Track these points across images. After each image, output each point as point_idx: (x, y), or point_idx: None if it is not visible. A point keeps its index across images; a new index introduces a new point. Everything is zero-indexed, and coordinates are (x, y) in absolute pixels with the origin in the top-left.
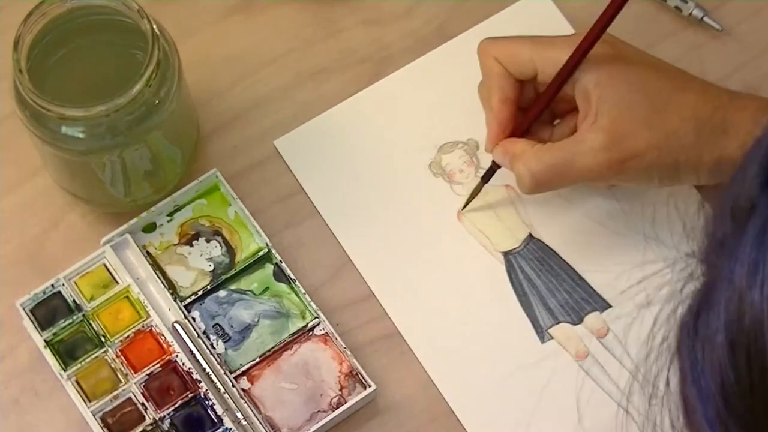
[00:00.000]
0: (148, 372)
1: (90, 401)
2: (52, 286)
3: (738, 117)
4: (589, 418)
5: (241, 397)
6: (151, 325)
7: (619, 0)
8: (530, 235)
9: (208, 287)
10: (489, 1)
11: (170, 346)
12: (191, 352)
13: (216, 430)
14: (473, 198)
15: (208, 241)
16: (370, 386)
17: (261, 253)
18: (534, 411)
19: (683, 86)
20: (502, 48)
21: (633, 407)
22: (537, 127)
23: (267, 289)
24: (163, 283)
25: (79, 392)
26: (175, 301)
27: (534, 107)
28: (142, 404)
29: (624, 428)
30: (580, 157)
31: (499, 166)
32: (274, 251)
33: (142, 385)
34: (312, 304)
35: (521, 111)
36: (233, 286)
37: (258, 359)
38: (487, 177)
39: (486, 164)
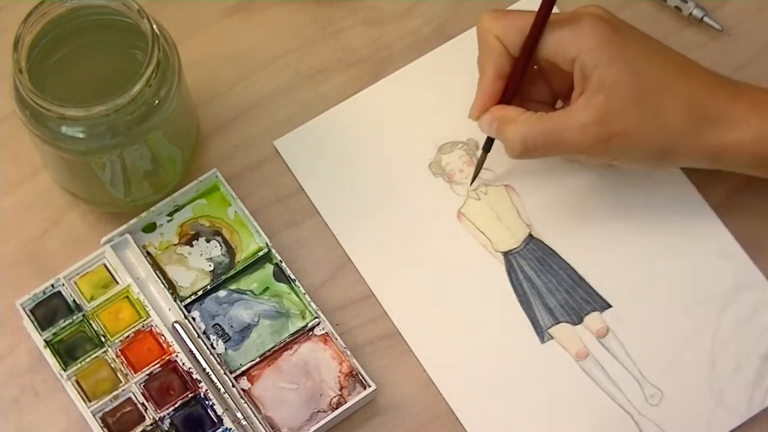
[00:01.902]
0: (148, 372)
1: (90, 401)
2: (52, 286)
3: (736, 107)
4: (589, 418)
5: (241, 397)
6: (151, 325)
7: None
8: (530, 235)
9: (208, 287)
10: (489, 1)
11: (170, 346)
12: (191, 352)
13: (216, 430)
14: (478, 171)
15: (208, 241)
16: (370, 386)
17: (261, 253)
18: (534, 410)
19: (682, 71)
20: (504, 28)
21: (632, 406)
22: (538, 107)
23: (267, 289)
24: (163, 283)
25: (79, 392)
26: (175, 301)
27: (512, 76)
28: (142, 404)
29: (624, 427)
30: (571, 129)
31: None
32: (274, 251)
33: (142, 385)
34: (312, 304)
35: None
36: (233, 286)
37: (258, 359)
38: (487, 147)
39: (486, 164)
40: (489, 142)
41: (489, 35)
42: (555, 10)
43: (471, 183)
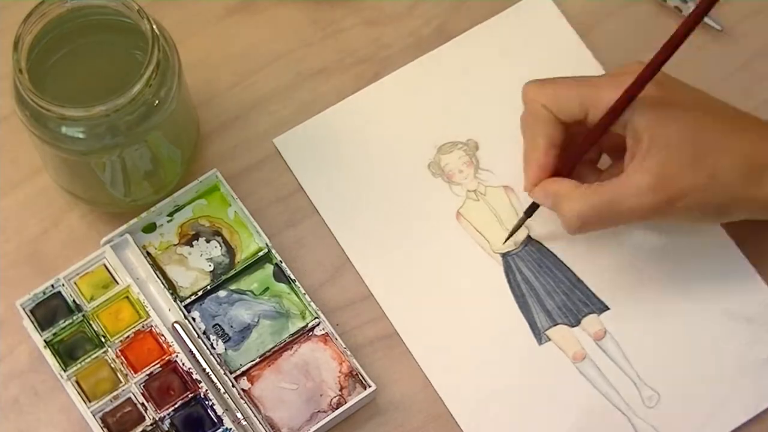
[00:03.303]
0: (148, 372)
1: (90, 401)
2: (52, 286)
3: None
4: (585, 420)
5: (241, 397)
6: (151, 325)
7: (675, 41)
8: (528, 237)
9: (208, 287)
10: (489, 1)
11: (170, 346)
12: (191, 352)
13: (216, 430)
14: (515, 232)
15: (208, 241)
16: (370, 386)
17: (261, 253)
18: (531, 412)
19: (735, 125)
20: (551, 94)
21: (629, 409)
22: (583, 170)
23: (267, 289)
24: (163, 283)
25: (79, 392)
26: (175, 301)
27: (578, 149)
28: (142, 404)
29: (621, 429)
30: (627, 197)
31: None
32: (274, 251)
33: (142, 385)
34: (312, 304)
35: (563, 151)
36: (233, 287)
37: (258, 359)
38: (529, 212)
39: (486, 165)
40: (532, 208)
41: (536, 104)
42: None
43: (505, 241)
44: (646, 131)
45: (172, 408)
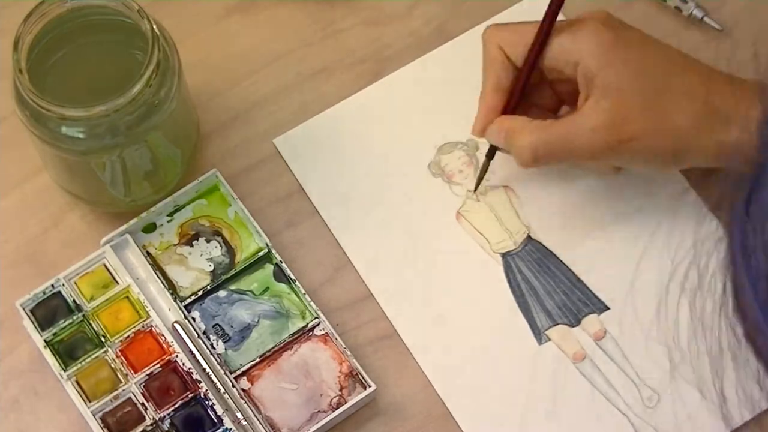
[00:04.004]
0: (148, 372)
1: (90, 401)
2: (52, 286)
3: (738, 103)
4: (585, 420)
5: (241, 397)
6: (151, 325)
7: None
8: (529, 237)
9: (208, 287)
10: (489, 1)
11: (170, 346)
12: (191, 352)
13: (216, 430)
14: (482, 178)
15: (208, 241)
16: (370, 386)
17: (261, 254)
18: (530, 412)
19: (688, 69)
20: (506, 37)
21: (629, 409)
22: (542, 113)
23: (267, 289)
24: (163, 283)
25: (79, 392)
26: (175, 301)
27: (515, 84)
28: (142, 404)
29: (621, 429)
30: (580, 135)
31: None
32: (274, 251)
33: (142, 385)
34: (312, 304)
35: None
36: (233, 287)
37: (258, 359)
38: (491, 154)
39: None
40: (492, 150)
41: (492, 45)
42: (560, 17)
43: (474, 190)
44: (598, 73)
45: (172, 408)
